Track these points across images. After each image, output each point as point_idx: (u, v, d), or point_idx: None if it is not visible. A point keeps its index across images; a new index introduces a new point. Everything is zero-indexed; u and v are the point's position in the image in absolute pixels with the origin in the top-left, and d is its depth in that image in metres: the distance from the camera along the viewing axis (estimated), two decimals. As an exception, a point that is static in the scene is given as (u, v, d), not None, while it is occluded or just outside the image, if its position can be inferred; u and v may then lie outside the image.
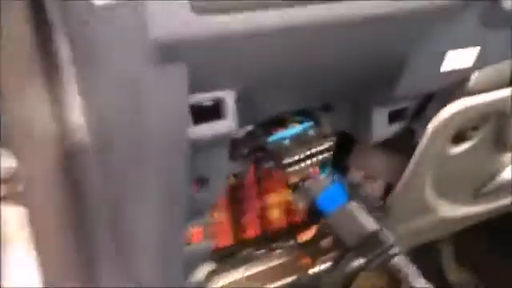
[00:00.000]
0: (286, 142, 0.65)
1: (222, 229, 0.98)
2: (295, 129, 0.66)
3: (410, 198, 0.82)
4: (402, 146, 0.79)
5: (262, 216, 0.99)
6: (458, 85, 0.71)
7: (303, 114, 0.69)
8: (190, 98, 0.48)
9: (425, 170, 0.78)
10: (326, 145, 0.65)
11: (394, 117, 0.72)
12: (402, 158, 0.79)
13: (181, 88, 0.45)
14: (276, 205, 1.01)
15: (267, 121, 0.67)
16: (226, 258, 0.97)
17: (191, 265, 0.67)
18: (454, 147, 0.79)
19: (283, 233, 1.03)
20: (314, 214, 0.80)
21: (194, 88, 0.47)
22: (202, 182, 0.57)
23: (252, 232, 1.00)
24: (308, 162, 0.65)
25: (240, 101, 0.53)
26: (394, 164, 0.81)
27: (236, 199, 0.97)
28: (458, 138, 0.79)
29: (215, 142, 0.53)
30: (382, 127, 0.70)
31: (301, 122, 0.68)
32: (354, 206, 0.74)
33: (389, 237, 0.75)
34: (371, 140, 0.71)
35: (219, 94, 0.50)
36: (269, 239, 1.02)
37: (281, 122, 0.68)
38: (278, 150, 0.64)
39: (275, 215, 1.02)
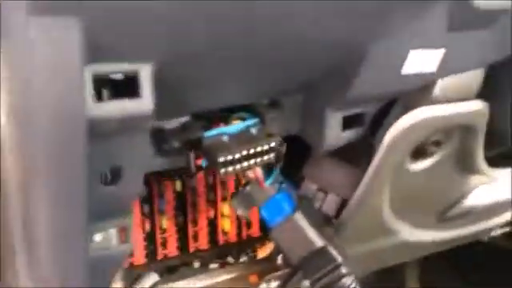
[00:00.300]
0: (225, 138, 0.57)
1: (168, 237, 0.90)
2: (236, 125, 0.59)
3: (366, 215, 0.74)
4: (361, 159, 0.72)
5: (214, 226, 0.92)
6: (421, 92, 0.65)
7: (250, 112, 0.62)
8: (93, 68, 0.40)
9: (381, 185, 0.71)
10: (270, 145, 0.57)
11: (348, 123, 0.64)
12: (361, 172, 0.72)
13: (71, 50, 0.37)
14: (228, 215, 0.93)
15: (208, 116, 0.59)
16: (172, 270, 0.90)
17: (106, 269, 0.58)
18: (414, 163, 0.72)
19: (237, 247, 0.96)
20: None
21: (97, 55, 0.39)
22: (114, 173, 0.49)
23: (203, 243, 0.92)
24: (247, 162, 0.57)
25: (164, 81, 0.45)
26: (351, 178, 0.74)
27: (183, 206, 0.90)
28: (419, 154, 0.72)
29: (128, 124, 0.45)
30: (334, 133, 0.63)
31: (245, 119, 0.60)
32: (299, 218, 0.66)
33: (336, 255, 0.67)
34: (322, 146, 0.64)
35: (132, 66, 0.42)
36: (221, 253, 0.95)
37: (224, 119, 0.60)
38: (214, 146, 0.56)
39: (227, 226, 0.94)
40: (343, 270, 0.66)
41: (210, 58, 0.48)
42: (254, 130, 0.59)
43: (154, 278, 0.90)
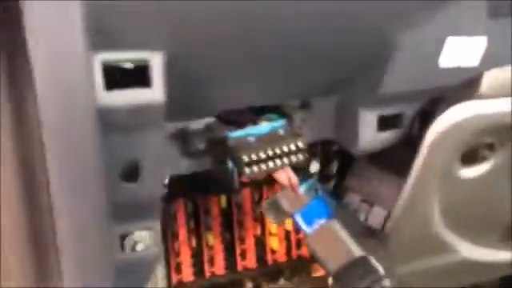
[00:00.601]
0: (251, 139, 0.55)
1: (215, 255, 0.88)
2: (262, 126, 0.57)
3: (413, 227, 0.68)
4: (409, 169, 0.67)
5: (262, 244, 0.89)
6: (466, 89, 0.59)
7: (279, 114, 0.59)
8: (103, 56, 0.40)
9: (427, 192, 0.64)
10: (297, 145, 0.55)
11: (385, 123, 0.60)
12: (408, 183, 0.66)
13: (73, 35, 0.37)
14: (276, 233, 0.90)
15: (235, 118, 0.57)
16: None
17: (135, 273, 0.57)
18: (465, 168, 0.66)
19: (287, 267, 0.92)
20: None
21: (107, 42, 0.39)
22: (132, 169, 0.48)
23: (251, 262, 0.90)
24: (273, 163, 0.54)
25: (183, 76, 0.44)
26: (398, 190, 0.69)
27: (229, 223, 0.88)
28: (471, 159, 0.66)
29: (140, 116, 0.44)
30: (369, 134, 0.59)
31: (273, 121, 0.58)
32: (336, 225, 0.62)
33: (378, 266, 0.61)
34: (357, 148, 0.60)
35: (143, 55, 0.41)
36: (271, 272, 0.92)
37: (252, 121, 0.58)
38: (239, 147, 0.54)
39: (275, 245, 0.91)
40: (385, 283, 0.60)
41: (228, 52, 0.47)
42: (281, 131, 0.56)
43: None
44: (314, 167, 0.87)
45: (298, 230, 0.64)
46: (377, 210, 0.71)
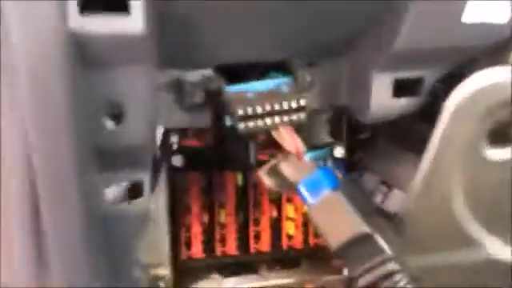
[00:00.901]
0: (250, 94, 0.51)
1: (227, 234, 0.84)
2: (265, 82, 0.52)
3: (431, 211, 0.61)
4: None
5: (278, 228, 0.84)
6: (498, 53, 0.52)
7: (286, 73, 0.55)
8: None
9: (447, 172, 0.57)
10: (299, 102, 0.50)
11: (401, 88, 0.54)
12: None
13: None
14: (294, 218, 0.85)
15: (236, 73, 0.53)
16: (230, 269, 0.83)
17: (122, 229, 0.53)
18: (493, 149, 0.58)
19: (303, 254, 0.87)
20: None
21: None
22: (115, 111, 0.45)
23: (265, 245, 0.85)
24: (271, 119, 0.50)
25: (177, 19, 0.41)
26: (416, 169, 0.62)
27: (245, 203, 0.84)
28: (501, 139, 0.58)
29: (119, 47, 0.41)
30: (383, 99, 0.53)
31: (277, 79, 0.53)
32: (341, 197, 0.56)
33: (385, 246, 0.55)
34: (367, 115, 0.54)
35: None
36: (285, 258, 0.87)
37: (255, 78, 0.54)
38: (236, 101, 0.50)
39: (291, 230, 0.86)
40: (394, 265, 0.54)
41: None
42: (284, 89, 0.52)
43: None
44: (339, 152, 0.81)
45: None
46: (396, 193, 0.65)
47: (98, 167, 0.48)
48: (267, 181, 0.58)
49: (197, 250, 0.83)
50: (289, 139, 0.56)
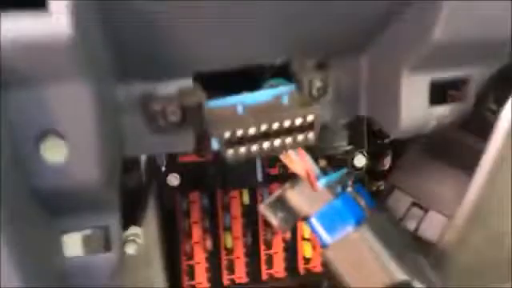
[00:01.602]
0: (239, 109, 0.37)
1: (235, 260, 0.72)
2: (260, 93, 0.39)
3: (480, 245, 0.48)
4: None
5: (293, 251, 0.72)
6: None
7: (288, 79, 0.42)
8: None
9: (503, 196, 0.44)
10: (305, 118, 0.36)
11: (440, 93, 0.40)
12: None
13: None
14: (310, 238, 0.73)
15: (222, 82, 0.40)
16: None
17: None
18: None
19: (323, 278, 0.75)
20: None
21: None
22: (51, 143, 0.32)
23: (279, 270, 0.73)
24: (269, 142, 0.36)
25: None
26: (463, 190, 0.48)
27: (253, 223, 0.72)
28: None
29: (35, 57, 0.28)
30: (416, 108, 0.39)
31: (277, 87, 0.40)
32: (368, 235, 0.43)
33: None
34: (398, 128, 0.40)
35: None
36: (303, 284, 0.75)
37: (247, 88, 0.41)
38: (221, 119, 0.37)
39: (308, 252, 0.74)
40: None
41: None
42: (285, 100, 0.38)
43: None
44: (360, 161, 0.68)
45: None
46: (433, 217, 0.52)
47: (43, 215, 0.36)
48: (271, 218, 0.45)
49: (201, 280, 0.72)
50: (298, 160, 0.43)
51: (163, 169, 0.61)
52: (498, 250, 0.47)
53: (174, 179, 0.67)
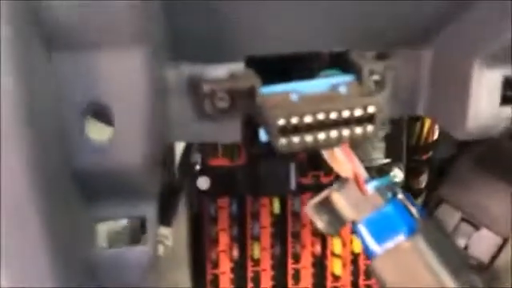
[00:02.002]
0: (294, 97, 0.34)
1: (262, 272, 0.68)
2: (317, 82, 0.36)
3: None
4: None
5: (321, 266, 0.68)
6: None
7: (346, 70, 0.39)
8: None
9: None
10: (365, 109, 0.33)
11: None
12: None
13: None
14: (341, 255, 0.68)
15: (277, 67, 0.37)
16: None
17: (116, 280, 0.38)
18: None
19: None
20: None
21: None
22: (98, 118, 0.29)
23: (306, 286, 0.69)
24: (325, 133, 0.33)
25: None
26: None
27: (283, 235, 0.68)
28: None
29: (93, 19, 0.25)
30: (486, 108, 0.36)
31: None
32: (422, 245, 0.39)
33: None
34: (464, 129, 0.37)
35: None
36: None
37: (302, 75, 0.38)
38: (276, 107, 0.34)
39: (337, 269, 0.69)
40: None
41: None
42: (343, 90, 0.35)
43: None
44: (397, 176, 0.64)
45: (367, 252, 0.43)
46: (485, 235, 0.48)
47: (80, 200, 0.33)
48: (317, 220, 0.42)
49: (225, 291, 0.68)
50: (346, 161, 0.40)
51: (197, 168, 0.58)
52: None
53: (203, 182, 0.63)
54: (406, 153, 0.64)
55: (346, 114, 0.33)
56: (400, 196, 0.42)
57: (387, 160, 0.63)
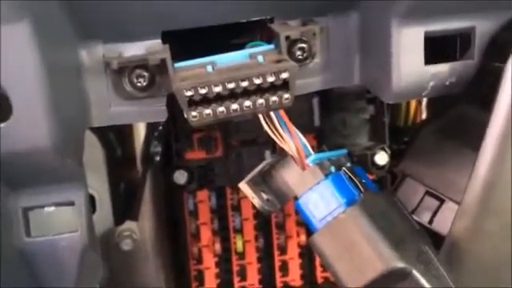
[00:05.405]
0: (209, 68, 0.34)
1: (247, 265, 0.68)
2: (235, 53, 0.35)
3: (491, 239, 0.41)
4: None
5: (309, 257, 0.67)
6: None
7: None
8: None
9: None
10: (279, 74, 0.32)
11: (438, 49, 0.35)
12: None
13: None
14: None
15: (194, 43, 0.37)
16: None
17: (49, 267, 0.38)
18: None
19: None
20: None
21: None
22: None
23: (294, 278, 0.68)
24: (237, 104, 0.32)
25: None
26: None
27: (267, 226, 0.67)
28: None
29: None
30: (410, 68, 0.34)
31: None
32: (360, 216, 0.37)
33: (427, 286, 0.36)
34: (390, 92, 0.35)
35: None
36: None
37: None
38: (186, 79, 0.33)
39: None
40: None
41: None
42: (260, 58, 0.35)
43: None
44: (382, 159, 0.62)
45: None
46: (449, 208, 0.46)
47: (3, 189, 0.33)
48: (252, 195, 0.41)
49: (211, 286, 0.67)
50: (288, 137, 0.39)
51: (157, 158, 0.58)
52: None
53: (180, 177, 0.63)
54: (394, 135, 0.62)
55: (257, 81, 0.33)
56: (344, 169, 0.41)
57: (371, 143, 0.61)
